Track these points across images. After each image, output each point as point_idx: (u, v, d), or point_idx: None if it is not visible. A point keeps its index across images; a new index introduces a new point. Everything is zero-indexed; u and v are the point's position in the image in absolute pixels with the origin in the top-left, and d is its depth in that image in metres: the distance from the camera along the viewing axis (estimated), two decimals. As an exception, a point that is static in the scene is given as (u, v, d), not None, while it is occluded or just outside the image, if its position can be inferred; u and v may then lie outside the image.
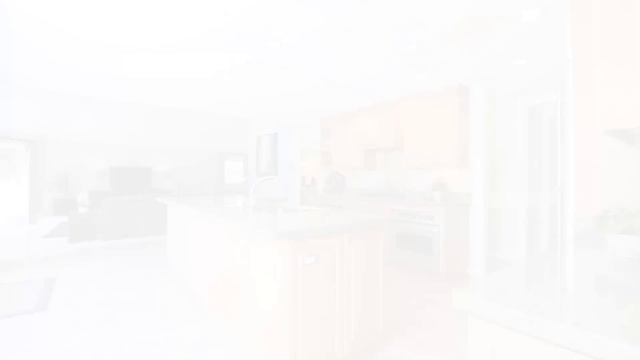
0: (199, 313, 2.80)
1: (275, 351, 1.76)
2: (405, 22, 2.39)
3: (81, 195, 6.06)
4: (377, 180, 5.23)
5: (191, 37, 2.65)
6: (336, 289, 1.92)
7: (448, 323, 2.64)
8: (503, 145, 4.72)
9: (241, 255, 2.15)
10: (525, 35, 2.56)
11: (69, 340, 2.33)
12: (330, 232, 1.87)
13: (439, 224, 3.66)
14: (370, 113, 5.05)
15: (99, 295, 3.21)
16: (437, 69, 3.34)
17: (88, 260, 4.57)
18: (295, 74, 3.56)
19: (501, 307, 0.67)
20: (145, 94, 4.49)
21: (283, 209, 3.12)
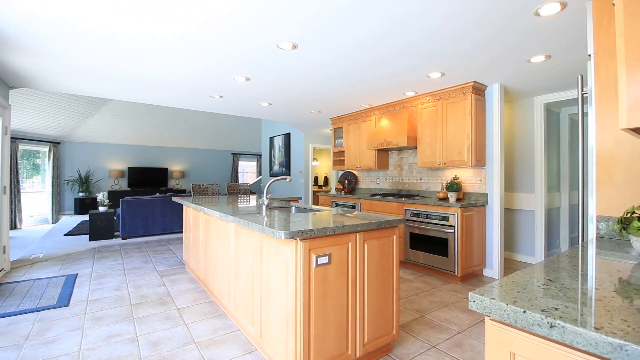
0: (214, 310, 2.85)
1: (288, 350, 1.77)
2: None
3: (101, 194, 6.24)
4: (390, 180, 5.19)
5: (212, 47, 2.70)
6: (349, 289, 1.92)
7: (463, 326, 2.60)
8: (520, 144, 4.61)
9: (254, 254, 2.17)
10: (543, 31, 2.49)
11: (89, 335, 2.40)
12: (343, 232, 1.87)
13: (454, 225, 3.60)
14: (383, 112, 5.01)
15: (118, 292, 3.30)
16: (451, 67, 3.29)
17: (107, 257, 4.70)
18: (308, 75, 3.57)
19: (520, 310, 0.66)
20: (162, 96, 4.59)
21: (296, 208, 3.14)
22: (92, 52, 3.02)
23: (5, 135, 4.04)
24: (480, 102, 3.88)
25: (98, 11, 2.28)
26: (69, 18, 2.37)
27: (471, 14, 2.25)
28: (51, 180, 8.74)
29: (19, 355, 2.12)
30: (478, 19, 2.32)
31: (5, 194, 4.02)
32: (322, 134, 8.22)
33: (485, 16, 2.28)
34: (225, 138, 11.90)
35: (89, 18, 2.37)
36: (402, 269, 4.20)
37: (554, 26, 2.43)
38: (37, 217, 8.35)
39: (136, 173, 10.50)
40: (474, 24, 2.39)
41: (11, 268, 4.12)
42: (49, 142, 8.76)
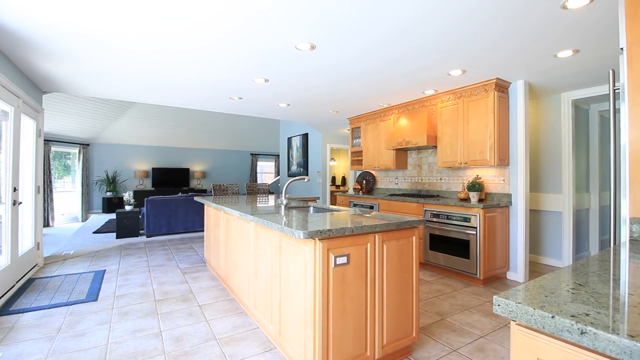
0: (234, 308, 2.90)
1: (307, 349, 1.78)
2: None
3: (127, 194, 6.49)
4: (409, 180, 5.12)
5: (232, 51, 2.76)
6: (368, 290, 1.91)
7: (486, 330, 2.53)
8: (546, 142, 4.43)
9: (273, 253, 2.20)
10: (571, 24, 2.38)
11: (116, 329, 2.50)
12: (361, 232, 1.86)
13: (475, 226, 3.51)
14: (401, 111, 4.95)
15: (143, 288, 3.42)
16: (473, 63, 3.21)
17: (132, 254, 4.88)
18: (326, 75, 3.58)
19: (549, 315, 0.64)
20: (185, 98, 4.72)
21: (314, 208, 3.15)
22: (119, 60, 3.15)
23: (39, 137, 4.26)
24: (504, 99, 3.76)
25: (125, 23, 2.37)
26: (97, 30, 2.48)
27: (494, 7, 2.18)
28: (81, 181, 9.16)
29: (52, 347, 2.23)
30: (501, 12, 2.25)
31: (39, 193, 4.25)
32: (339, 134, 8.20)
33: (509, 10, 2.21)
34: (244, 139, 12.09)
35: (116, 29, 2.47)
36: (422, 270, 4.13)
37: (583, 19, 2.32)
38: (68, 215, 8.77)
39: (160, 173, 10.85)
40: (497, 18, 2.32)
41: (44, 264, 4.35)
42: (78, 144, 9.18)
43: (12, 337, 2.36)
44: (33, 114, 4.03)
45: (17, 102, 3.43)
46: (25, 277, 3.66)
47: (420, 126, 4.36)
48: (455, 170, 4.40)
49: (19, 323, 2.59)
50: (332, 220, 2.07)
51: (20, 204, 3.54)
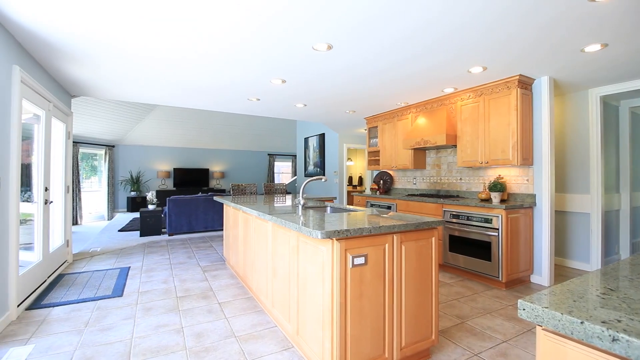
0: (252, 306, 2.94)
1: (325, 349, 1.78)
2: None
3: (150, 193, 6.70)
4: (428, 180, 5.03)
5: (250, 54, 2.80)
6: (386, 291, 1.89)
7: (509, 334, 2.46)
8: (573, 140, 4.25)
9: (291, 252, 2.21)
10: (599, 17, 2.28)
11: (140, 324, 2.59)
12: (379, 232, 1.85)
13: (497, 227, 3.41)
14: (419, 110, 4.88)
15: (165, 285, 3.52)
16: (494, 60, 3.12)
17: (155, 252, 5.04)
18: (343, 75, 3.57)
19: (578, 321, 0.61)
20: (204, 100, 4.83)
21: (331, 208, 3.15)
22: (141, 65, 3.25)
23: (68, 139, 4.47)
24: (527, 96, 3.64)
25: (146, 31, 2.45)
26: (120, 37, 2.58)
27: (515, 1, 2.12)
28: (107, 181, 9.53)
29: (80, 340, 2.33)
30: (521, 5, 2.18)
31: (68, 193, 4.45)
32: (356, 134, 8.17)
33: (532, 3, 2.14)
34: (262, 139, 12.24)
35: (138, 37, 2.56)
36: (441, 272, 4.05)
37: (611, 12, 2.21)
38: (95, 214, 9.15)
39: (181, 174, 11.15)
40: (518, 11, 2.25)
41: (73, 260, 4.55)
42: (104, 145, 9.56)
43: (43, 330, 2.48)
44: (63, 117, 4.22)
45: (48, 106, 3.61)
46: (55, 273, 3.84)
47: (439, 125, 4.28)
48: (476, 170, 4.30)
49: (50, 316, 2.73)
50: (349, 220, 2.07)
51: (51, 203, 3.72)
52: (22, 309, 2.83)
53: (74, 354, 2.15)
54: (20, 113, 2.77)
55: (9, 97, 2.65)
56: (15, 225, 2.70)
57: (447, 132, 4.14)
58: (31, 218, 3.41)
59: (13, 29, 2.56)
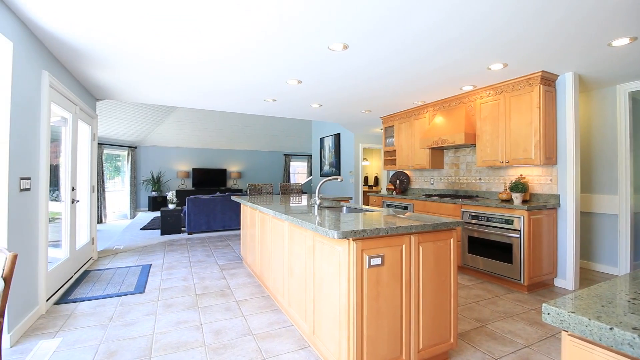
0: (269, 304, 2.97)
1: (341, 349, 1.78)
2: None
3: (170, 193, 6.88)
4: (446, 180, 4.94)
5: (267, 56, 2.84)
6: (403, 292, 1.87)
7: (531, 339, 2.38)
8: (599, 138, 4.08)
9: (307, 252, 2.22)
10: (627, 9, 2.17)
11: (161, 320, 2.67)
12: (396, 233, 1.83)
13: (519, 229, 3.31)
14: (437, 109, 4.79)
15: (185, 282, 3.61)
16: (516, 56, 3.03)
17: (175, 250, 5.17)
18: (359, 74, 3.56)
19: (606, 327, 0.59)
20: (222, 102, 4.92)
21: (347, 208, 3.14)
22: (160, 70, 3.35)
23: (94, 141, 4.64)
24: (550, 93, 3.52)
25: (165, 36, 2.52)
26: (141, 43, 2.66)
27: (540, -2, 2.05)
28: (129, 181, 9.85)
29: (104, 334, 2.42)
30: (548, 2, 2.11)
31: (93, 192, 4.63)
32: (372, 134, 8.11)
33: (557, -1, 2.07)
34: (278, 140, 12.34)
35: (157, 42, 2.63)
36: (460, 274, 3.97)
37: None
38: (118, 213, 9.47)
39: (199, 174, 11.40)
40: (540, 5, 2.18)
41: (98, 257, 4.73)
42: (127, 146, 9.88)
43: (70, 324, 2.59)
44: (88, 119, 4.40)
45: (75, 109, 3.76)
46: (81, 269, 4.00)
47: (458, 124, 4.19)
48: (496, 169, 4.18)
49: (76, 311, 2.84)
50: (365, 220, 2.06)
51: (77, 202, 3.88)
52: (50, 304, 2.96)
53: (99, 348, 2.23)
54: (49, 116, 2.90)
55: (39, 101, 2.78)
56: (44, 223, 2.83)
57: (466, 130, 4.05)
58: (59, 217, 3.56)
59: (42, 36, 2.68)
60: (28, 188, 2.57)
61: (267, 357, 2.12)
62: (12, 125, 2.30)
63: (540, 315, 2.80)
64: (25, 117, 2.53)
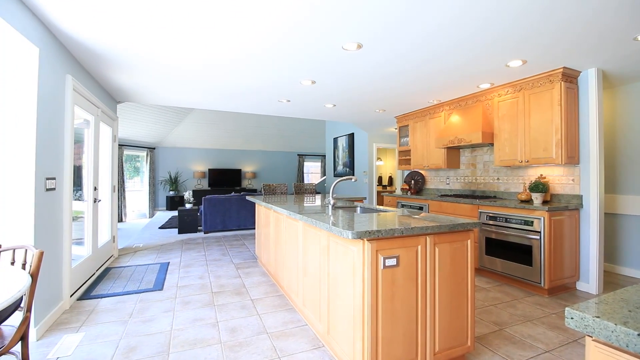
0: (283, 303, 2.99)
1: (356, 350, 1.78)
2: None
3: (187, 193, 7.03)
4: (462, 180, 4.85)
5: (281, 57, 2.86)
6: (419, 294, 1.85)
7: (551, 344, 2.31)
8: (625, 137, 3.91)
9: (321, 252, 2.23)
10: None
11: (179, 317, 2.73)
12: (411, 234, 1.81)
13: (539, 230, 3.22)
14: (453, 107, 4.71)
15: (201, 280, 3.68)
16: (535, 52, 2.94)
17: (192, 249, 5.27)
18: (373, 73, 3.54)
19: (634, 333, 0.57)
20: (238, 103, 4.99)
21: (361, 208, 3.13)
22: (180, 73, 3.42)
23: (114, 142, 4.79)
24: (572, 90, 3.40)
25: (182, 41, 2.57)
26: (160, 49, 2.73)
27: (561, -8, 1.99)
28: (148, 181, 10.11)
29: (125, 330, 2.50)
30: (570, -4, 2.04)
31: (114, 192, 4.77)
32: (386, 133, 8.04)
33: (580, -7, 2.00)
34: (291, 140, 12.41)
35: (175, 47, 2.69)
36: (477, 276, 3.89)
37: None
38: (138, 212, 9.74)
39: (215, 174, 11.60)
40: None
41: (119, 255, 4.87)
42: (146, 147, 10.14)
43: (92, 319, 2.68)
44: (109, 121, 4.54)
45: (97, 111, 3.89)
46: (103, 267, 4.14)
47: (475, 122, 4.11)
48: (515, 169, 4.08)
49: (98, 307, 2.94)
50: (380, 220, 2.05)
51: (99, 201, 4.01)
52: (74, 299, 3.07)
53: (120, 343, 2.30)
54: (72, 118, 3.01)
55: (63, 104, 2.89)
56: (68, 222, 2.94)
57: (483, 129, 3.97)
58: (82, 215, 3.69)
59: (66, 41, 2.79)
60: (53, 188, 2.68)
61: (282, 356, 2.14)
62: (39, 128, 2.40)
63: (562, 319, 2.71)
64: (51, 120, 2.63)
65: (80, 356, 2.13)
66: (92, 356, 2.13)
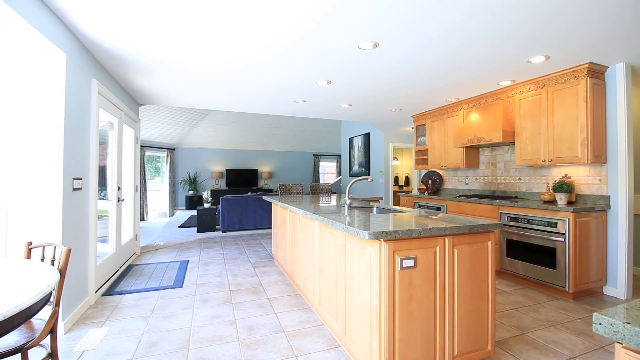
0: (299, 303, 3.01)
1: (372, 351, 1.77)
2: None
3: (205, 193, 7.17)
4: (482, 180, 4.73)
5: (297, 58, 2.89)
6: (437, 296, 1.82)
7: (577, 350, 2.22)
8: (659, 135, 3.71)
9: (337, 252, 2.23)
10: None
11: (198, 314, 2.79)
12: (429, 235, 1.78)
13: (564, 232, 3.10)
14: (472, 105, 4.60)
15: (219, 278, 3.74)
16: (559, 47, 2.84)
17: (210, 247, 5.37)
18: (389, 72, 3.51)
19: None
20: (254, 104, 5.05)
21: (377, 208, 3.11)
22: (200, 76, 3.50)
23: (137, 144, 4.94)
24: (599, 86, 3.26)
25: (201, 46, 2.63)
26: (181, 54, 2.80)
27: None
28: (168, 181, 10.39)
29: (147, 325, 2.57)
30: (597, -11, 1.96)
31: (136, 192, 4.93)
32: (402, 133, 7.95)
33: (608, -16, 1.91)
34: (307, 140, 12.46)
35: (197, 52, 2.76)
36: (498, 279, 3.79)
37: None
38: (158, 211, 10.01)
39: (232, 174, 11.79)
40: (592, -5, 2.03)
41: (141, 252, 5.03)
42: (166, 148, 10.42)
43: (116, 315, 2.78)
44: (132, 123, 4.69)
45: (120, 114, 4.03)
46: (126, 264, 4.28)
47: (495, 121, 4.00)
48: (537, 169, 3.95)
49: (121, 303, 3.04)
50: (396, 221, 2.03)
51: (122, 200, 4.15)
52: (99, 295, 3.19)
53: (142, 338, 2.37)
54: (97, 121, 3.13)
55: (89, 108, 3.01)
56: (94, 220, 3.06)
57: (504, 128, 3.86)
58: (106, 214, 3.83)
59: (91, 47, 2.90)
60: (80, 188, 2.79)
61: (299, 355, 2.15)
62: (66, 130, 2.51)
63: (588, 325, 2.60)
64: (77, 123, 2.75)
65: (105, 350, 2.21)
66: (116, 350, 2.21)
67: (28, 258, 1.75)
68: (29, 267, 1.47)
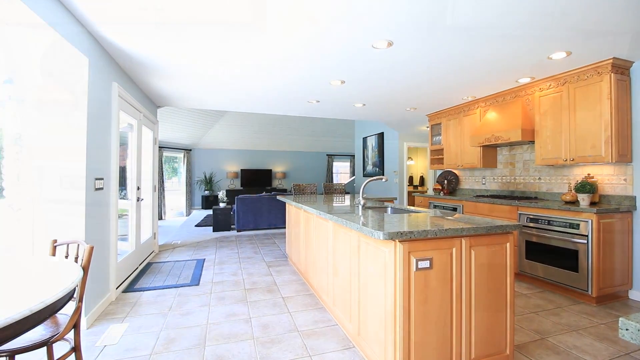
0: (313, 302, 3.02)
1: (387, 352, 1.75)
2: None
3: (221, 193, 7.29)
4: (499, 180, 4.62)
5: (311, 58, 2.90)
6: (453, 298, 1.79)
7: (600, 357, 2.14)
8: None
9: (352, 252, 2.22)
10: None
11: (214, 312, 2.84)
12: (445, 235, 1.75)
13: (586, 234, 2.99)
14: (489, 104, 4.50)
15: (234, 277, 3.80)
16: (581, 43, 2.74)
17: (226, 246, 5.46)
18: (404, 70, 3.47)
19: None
20: (268, 105, 5.10)
21: (392, 209, 3.08)
22: (216, 79, 3.56)
23: (155, 145, 5.07)
24: (624, 82, 3.13)
25: (221, 51, 2.67)
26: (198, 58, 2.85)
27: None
28: (185, 181, 10.60)
29: (165, 322, 2.64)
30: (623, -19, 1.88)
31: (155, 192, 5.05)
32: (417, 132, 7.85)
33: (634, -24, 1.84)
34: (320, 140, 12.47)
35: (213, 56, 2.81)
36: (517, 282, 3.69)
37: None
38: (176, 210, 10.24)
39: (247, 174, 11.94)
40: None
41: (159, 251, 5.15)
42: (183, 149, 10.64)
43: (135, 311, 2.86)
44: (150, 125, 4.81)
45: (139, 116, 4.14)
46: (145, 261, 4.39)
47: (514, 119, 3.90)
48: (558, 168, 3.82)
49: (141, 299, 3.13)
50: (411, 221, 2.00)
51: (142, 200, 4.27)
52: (119, 292, 3.29)
53: (160, 334, 2.43)
54: (118, 123, 3.23)
55: (110, 110, 3.10)
56: (115, 219, 3.16)
57: (523, 126, 3.76)
58: (126, 213, 3.95)
59: (112, 51, 2.99)
60: (101, 187, 2.89)
61: (313, 355, 2.16)
62: (89, 132, 2.60)
63: (612, 330, 2.51)
64: (99, 125, 2.84)
65: (125, 345, 2.28)
66: (136, 345, 2.28)
67: (53, 255, 1.82)
68: (54, 264, 1.53)
